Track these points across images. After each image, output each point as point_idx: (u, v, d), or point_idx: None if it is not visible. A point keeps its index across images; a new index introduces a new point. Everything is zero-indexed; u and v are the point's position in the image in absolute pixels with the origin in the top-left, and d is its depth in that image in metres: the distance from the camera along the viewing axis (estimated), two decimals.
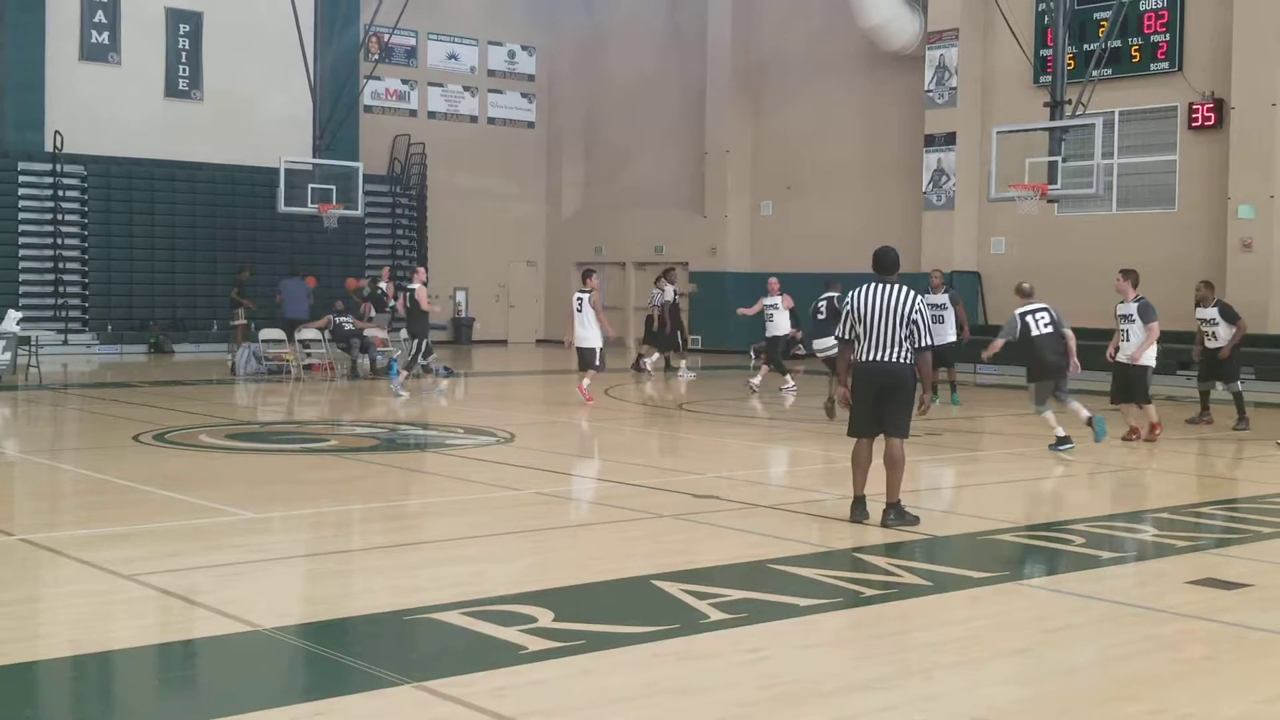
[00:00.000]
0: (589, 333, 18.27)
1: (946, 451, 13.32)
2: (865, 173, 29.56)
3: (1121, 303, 14.54)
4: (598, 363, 18.34)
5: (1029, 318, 13.75)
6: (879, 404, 9.02)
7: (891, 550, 8.28)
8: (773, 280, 20.98)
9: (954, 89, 27.01)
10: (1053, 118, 21.15)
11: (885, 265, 9.28)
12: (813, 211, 30.28)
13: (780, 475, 12.73)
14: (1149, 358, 14.34)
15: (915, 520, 8.98)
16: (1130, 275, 14.59)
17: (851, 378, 9.15)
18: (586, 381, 18.15)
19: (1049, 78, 22.64)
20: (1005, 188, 21.07)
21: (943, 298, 18.53)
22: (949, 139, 27.07)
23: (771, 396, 19.93)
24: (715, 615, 6.56)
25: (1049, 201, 21.81)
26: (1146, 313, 14.30)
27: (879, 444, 9.16)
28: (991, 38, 26.66)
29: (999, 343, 13.72)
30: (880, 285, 9.08)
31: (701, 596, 6.87)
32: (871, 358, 8.96)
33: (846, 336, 9.17)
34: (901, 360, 8.96)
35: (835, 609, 6.87)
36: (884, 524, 8.94)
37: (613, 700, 5.27)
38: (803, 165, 30.84)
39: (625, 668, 5.73)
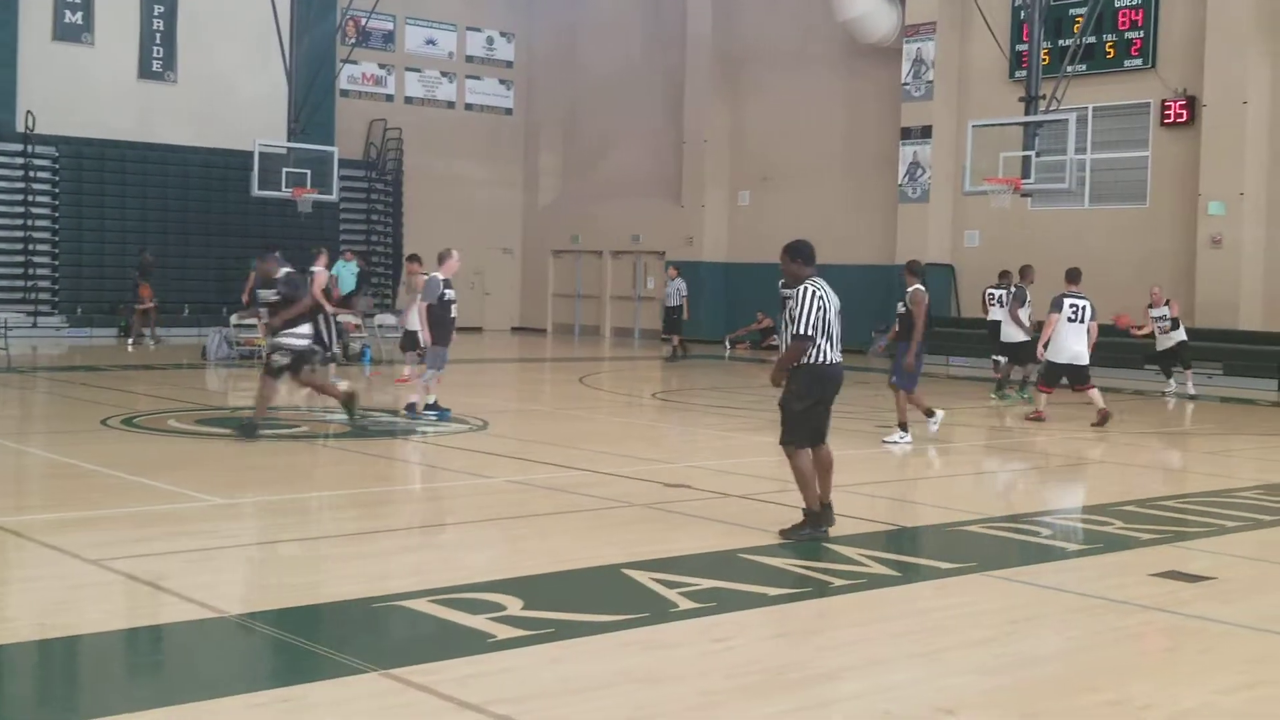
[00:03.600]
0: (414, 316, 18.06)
1: (916, 443, 13.39)
2: (842, 164, 29.63)
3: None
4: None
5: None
6: (827, 408, 8.57)
7: (860, 541, 8.32)
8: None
9: (930, 82, 27.09)
10: (1027, 112, 21.27)
11: (813, 258, 8.58)
12: (790, 202, 30.33)
13: (752, 465, 12.76)
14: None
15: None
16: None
17: (813, 381, 8.40)
18: (407, 370, 17.90)
19: (1024, 73, 22.75)
20: (980, 181, 21.18)
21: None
22: (925, 132, 27.15)
23: (746, 387, 19.97)
24: (684, 604, 6.59)
25: (1022, 196, 21.96)
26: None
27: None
28: (968, 32, 26.75)
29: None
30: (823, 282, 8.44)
31: (671, 585, 6.90)
32: (833, 360, 8.42)
33: (810, 333, 8.29)
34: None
35: (804, 599, 6.91)
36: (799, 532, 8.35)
37: (580, 689, 5.28)
38: (780, 156, 30.88)
39: (593, 656, 5.75)
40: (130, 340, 26.08)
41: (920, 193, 27.34)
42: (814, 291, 8.33)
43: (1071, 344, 15.25)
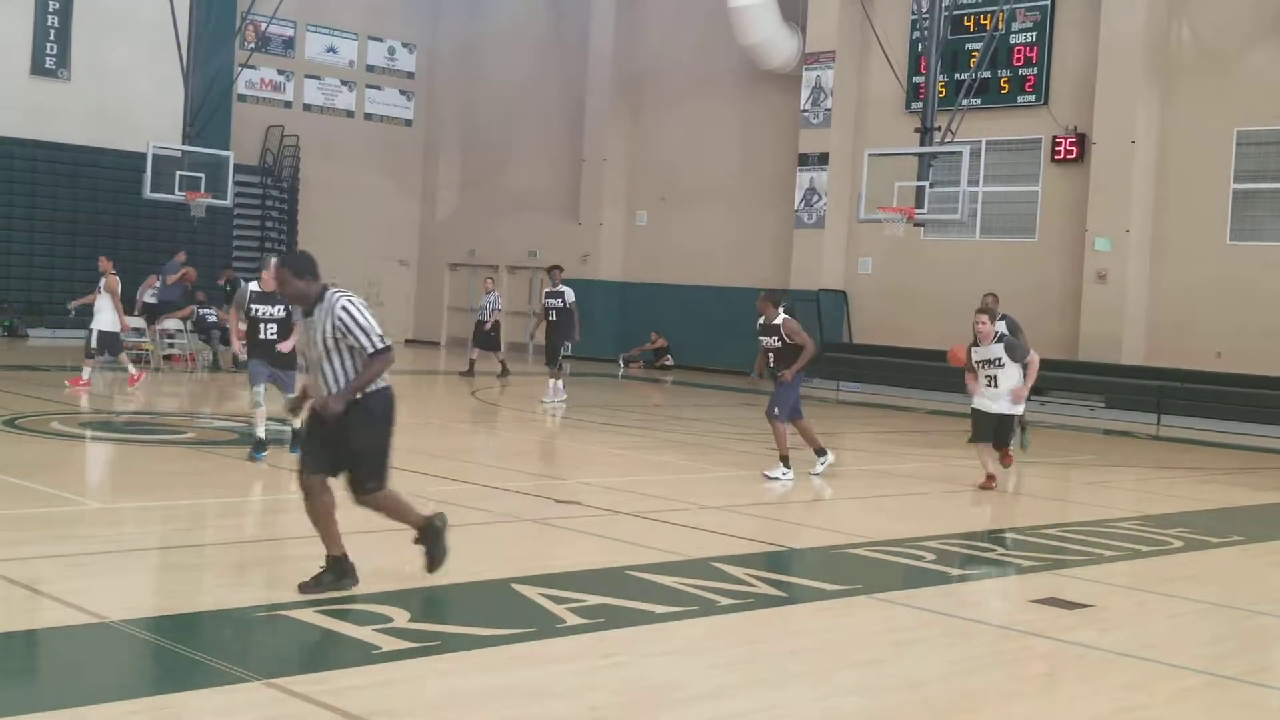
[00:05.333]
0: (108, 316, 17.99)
1: (805, 466, 13.53)
2: (739, 188, 29.90)
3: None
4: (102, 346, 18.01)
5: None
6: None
7: (747, 561, 8.39)
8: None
9: (829, 110, 27.48)
10: (922, 143, 21.68)
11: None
12: (687, 224, 30.53)
13: (642, 483, 12.80)
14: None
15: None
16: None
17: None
18: (87, 372, 17.76)
19: (920, 104, 23.19)
20: (874, 209, 21.52)
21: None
22: (822, 159, 27.53)
23: (638, 406, 20.03)
24: (572, 620, 6.59)
25: (915, 225, 22.36)
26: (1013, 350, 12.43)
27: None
28: (867, 62, 27.20)
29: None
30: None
31: (559, 601, 6.89)
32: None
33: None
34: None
35: (691, 616, 6.95)
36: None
37: (465, 701, 5.26)
38: (679, 177, 31.07)
39: (479, 669, 5.73)
40: None
41: (816, 219, 27.70)
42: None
43: None
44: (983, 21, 25.25)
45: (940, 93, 23.02)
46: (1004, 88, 25.43)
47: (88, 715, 4.83)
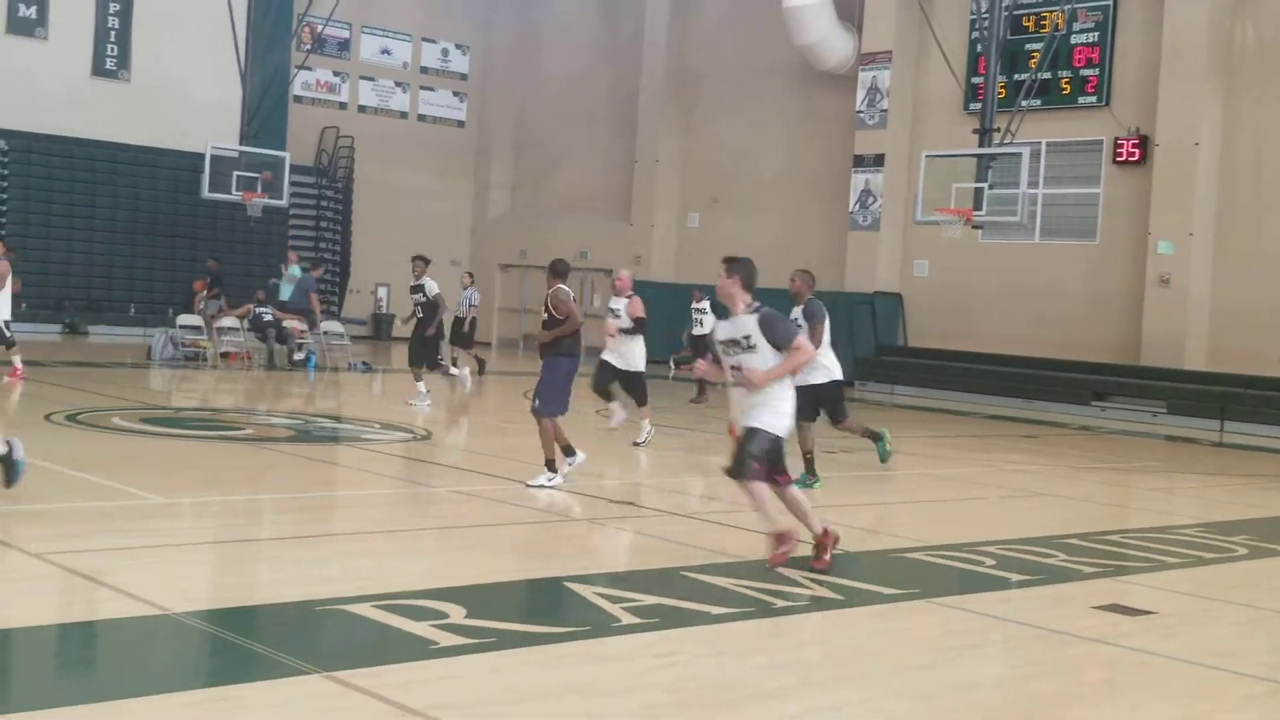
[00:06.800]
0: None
1: (859, 470, 13.45)
2: (792, 189, 29.79)
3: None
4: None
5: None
6: None
7: (805, 564, 8.32)
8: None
9: (885, 111, 27.31)
10: (981, 145, 21.49)
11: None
12: (739, 225, 30.44)
13: (695, 485, 12.77)
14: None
15: None
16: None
17: None
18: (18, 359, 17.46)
19: (979, 105, 23.00)
20: (931, 211, 21.35)
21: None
22: (878, 160, 27.37)
23: (690, 408, 20.00)
24: (627, 619, 6.56)
25: (973, 227, 22.15)
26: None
27: None
28: (924, 62, 27.01)
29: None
30: None
31: (614, 600, 6.87)
32: None
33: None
34: None
35: (746, 618, 6.89)
36: None
37: (521, 698, 5.25)
38: (731, 178, 31.01)
39: (535, 666, 5.72)
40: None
41: (871, 221, 27.54)
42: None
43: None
44: (1042, 21, 25.01)
45: (1000, 93, 22.81)
46: (1064, 88, 25.17)
47: (150, 705, 4.87)
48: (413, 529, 9.18)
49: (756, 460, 7.80)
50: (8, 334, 17.23)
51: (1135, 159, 24.22)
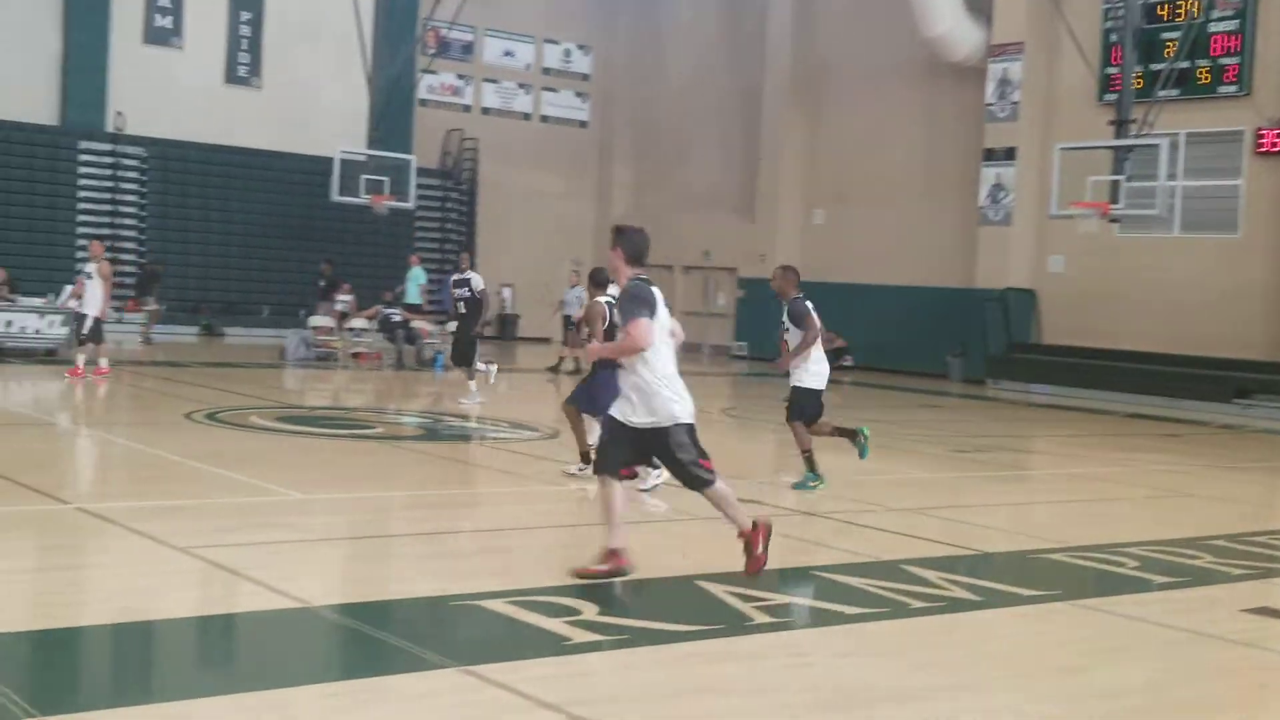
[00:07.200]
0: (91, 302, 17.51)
1: (994, 470, 13.18)
2: (919, 184, 29.34)
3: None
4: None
5: None
6: None
7: (939, 564, 8.17)
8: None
9: (1016, 103, 26.77)
10: (1117, 136, 20.97)
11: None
12: (865, 221, 30.08)
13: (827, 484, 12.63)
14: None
15: None
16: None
17: None
18: (105, 361, 17.50)
19: (1114, 96, 22.45)
20: (1066, 205, 20.89)
21: None
22: (1009, 154, 26.83)
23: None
24: (760, 618, 6.50)
25: (1110, 221, 21.61)
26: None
27: None
28: (1056, 53, 26.41)
29: None
30: None
31: (746, 599, 6.80)
32: None
33: None
34: None
35: (882, 618, 6.77)
36: None
37: (655, 696, 5.23)
38: (856, 174, 30.66)
39: (668, 664, 5.69)
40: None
41: (1002, 215, 27.01)
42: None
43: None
44: (1178, 9, 24.30)
45: (1136, 84, 22.21)
46: (1203, 78, 24.41)
47: (291, 697, 4.94)
48: (541, 526, 9.22)
49: (703, 460, 7.00)
50: (94, 331, 17.58)
51: (1278, 150, 23.40)
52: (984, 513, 11.05)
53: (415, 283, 26.12)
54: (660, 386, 6.93)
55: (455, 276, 18.06)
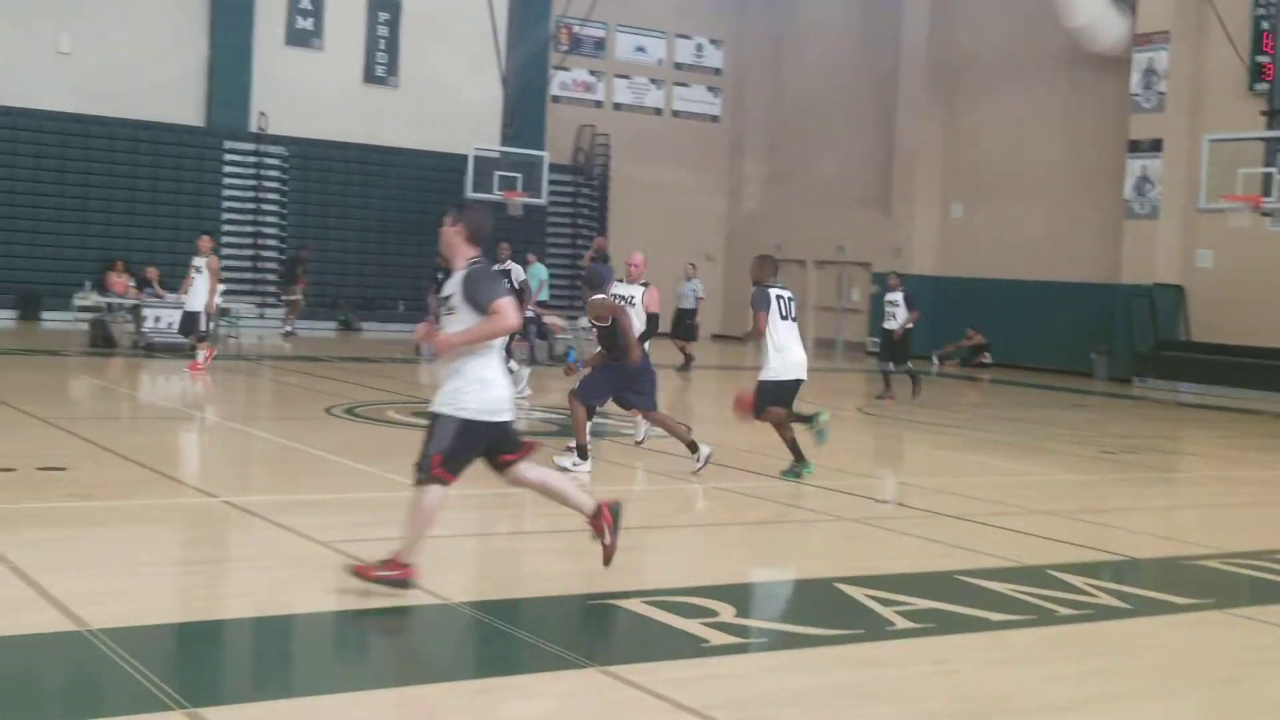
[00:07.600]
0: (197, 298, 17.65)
1: (1143, 472, 12.78)
2: (1061, 177, 28.63)
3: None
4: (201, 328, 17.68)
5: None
6: None
7: (1087, 570, 7.93)
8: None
9: (1162, 94, 25.95)
10: (1269, 127, 20.22)
11: None
12: (1004, 215, 29.45)
13: (965, 485, 12.38)
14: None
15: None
16: None
17: None
18: (202, 354, 17.50)
19: (1266, 85, 21.63)
20: (1216, 198, 20.21)
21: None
22: (1155, 145, 26.02)
23: (956, 404, 19.46)
24: (901, 623, 6.36)
25: (1263, 215, 20.85)
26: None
27: None
28: (1204, 41, 25.54)
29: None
30: None
31: (886, 603, 6.67)
32: None
33: None
34: None
35: (1028, 625, 6.58)
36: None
37: (795, 700, 5.14)
38: (995, 167, 30.03)
39: (809, 669, 5.60)
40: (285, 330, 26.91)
41: (1149, 209, 26.21)
42: None
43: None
44: None
45: None
46: None
47: (432, 693, 4.98)
48: (676, 525, 9.18)
49: (437, 455, 6.31)
50: (205, 326, 17.88)
51: None
52: (1132, 516, 10.71)
53: (537, 279, 26.28)
54: (477, 382, 6.38)
55: (495, 268, 18.13)
